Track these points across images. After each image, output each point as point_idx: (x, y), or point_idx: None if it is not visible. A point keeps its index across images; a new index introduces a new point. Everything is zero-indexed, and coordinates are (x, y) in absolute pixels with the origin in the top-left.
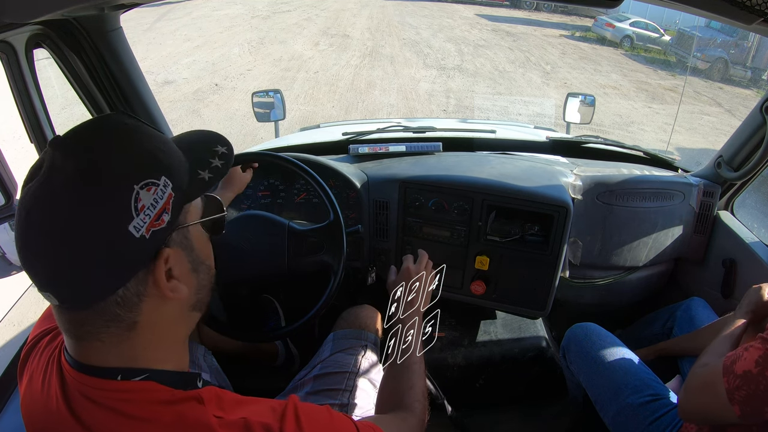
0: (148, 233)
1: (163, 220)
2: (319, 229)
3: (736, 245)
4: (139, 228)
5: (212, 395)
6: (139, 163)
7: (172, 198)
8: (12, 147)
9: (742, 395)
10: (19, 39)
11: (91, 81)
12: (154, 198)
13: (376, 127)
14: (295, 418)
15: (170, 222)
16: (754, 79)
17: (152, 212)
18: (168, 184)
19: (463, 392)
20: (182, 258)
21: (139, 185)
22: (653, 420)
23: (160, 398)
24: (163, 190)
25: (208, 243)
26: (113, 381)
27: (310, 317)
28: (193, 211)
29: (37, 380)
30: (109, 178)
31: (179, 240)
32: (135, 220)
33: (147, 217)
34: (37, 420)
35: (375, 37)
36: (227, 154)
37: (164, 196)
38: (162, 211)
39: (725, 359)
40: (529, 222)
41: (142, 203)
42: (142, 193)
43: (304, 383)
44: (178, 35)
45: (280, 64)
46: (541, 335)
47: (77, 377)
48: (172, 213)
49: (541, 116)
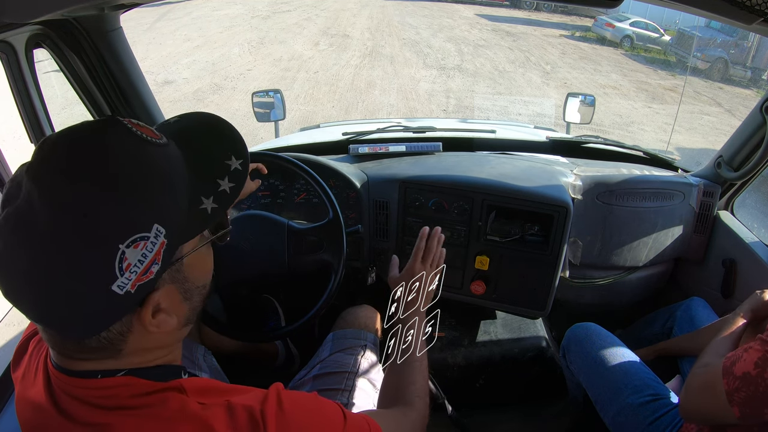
0: (134, 288)
1: (151, 272)
2: (318, 228)
3: (736, 245)
4: (123, 286)
5: (195, 385)
6: (127, 215)
7: (165, 246)
8: (12, 147)
9: (742, 397)
10: (19, 39)
11: (91, 81)
12: (142, 254)
13: (376, 127)
14: (278, 401)
15: (160, 270)
16: (754, 79)
17: (139, 268)
18: (160, 232)
19: (463, 392)
20: (172, 292)
21: (125, 244)
22: (653, 420)
23: (141, 390)
24: (154, 242)
25: (206, 260)
26: (94, 380)
27: (311, 317)
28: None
29: (28, 379)
30: (90, 238)
31: (170, 277)
32: (119, 280)
33: (132, 274)
34: (29, 417)
35: (375, 37)
36: (240, 171)
37: (155, 248)
38: (152, 263)
39: (725, 360)
40: (529, 222)
41: (128, 262)
42: (128, 252)
43: (303, 383)
44: (178, 35)
45: (280, 64)
46: (541, 335)
47: (60, 377)
48: (162, 261)
49: (541, 116)
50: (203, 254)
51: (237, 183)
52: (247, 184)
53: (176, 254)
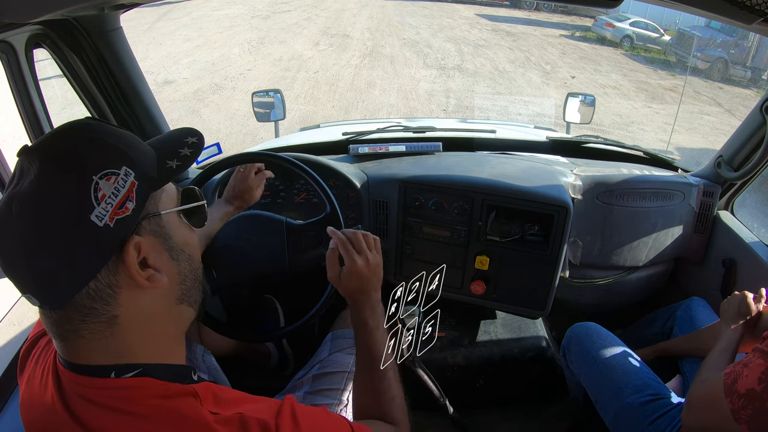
0: (112, 221)
1: (127, 208)
2: (316, 222)
3: (736, 245)
4: (101, 217)
5: (208, 392)
6: (98, 156)
7: (136, 186)
8: (12, 147)
9: (749, 414)
10: (19, 39)
11: (91, 81)
12: (115, 187)
13: (376, 127)
14: (292, 415)
15: (136, 209)
16: (754, 79)
17: (114, 201)
18: (129, 173)
19: (463, 392)
20: (157, 246)
21: (98, 176)
22: (653, 420)
23: (156, 393)
24: (125, 178)
25: (189, 233)
26: (107, 379)
27: (311, 317)
28: (167, 200)
29: (34, 381)
30: (67, 171)
31: (152, 228)
32: (96, 210)
33: (109, 205)
34: (36, 421)
35: (375, 36)
36: (196, 143)
37: (126, 184)
38: (125, 199)
39: (725, 377)
40: (529, 222)
41: (102, 192)
42: (101, 183)
43: (302, 383)
44: (178, 35)
45: (280, 64)
46: (541, 335)
47: (71, 377)
48: (137, 200)
49: (541, 116)
50: (184, 227)
51: (195, 149)
52: (253, 190)
53: (152, 205)
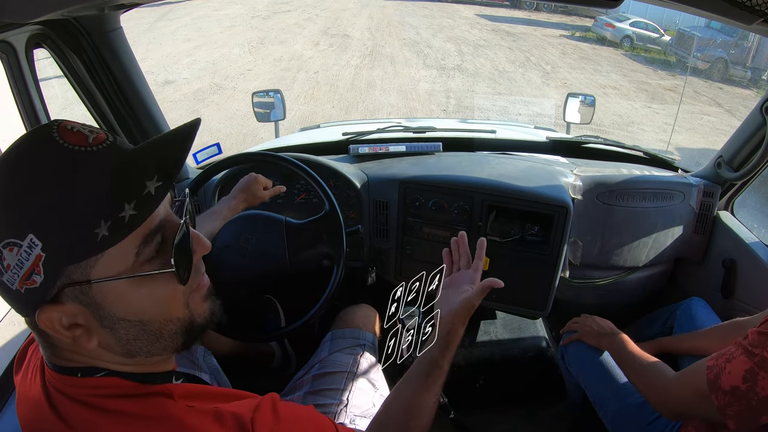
0: (22, 289)
1: (34, 281)
2: (316, 221)
3: (736, 245)
4: (12, 282)
5: (184, 391)
6: (4, 219)
7: (42, 259)
8: None
9: (735, 411)
10: (19, 39)
11: (91, 81)
12: (18, 259)
13: (376, 127)
14: (272, 408)
15: (44, 283)
16: (754, 79)
17: (19, 272)
18: (35, 244)
19: (463, 392)
20: (86, 314)
21: (1, 244)
22: (652, 420)
23: (126, 392)
24: (28, 251)
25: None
26: (76, 377)
27: (311, 316)
28: (105, 265)
29: (27, 379)
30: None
31: (76, 296)
32: (5, 275)
33: (15, 275)
34: (27, 416)
35: (375, 37)
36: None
37: (30, 257)
38: (30, 272)
39: (708, 372)
40: (529, 222)
41: (7, 262)
42: (5, 252)
43: (302, 383)
44: (178, 35)
45: (280, 64)
46: (541, 335)
47: (50, 374)
48: (45, 274)
49: (541, 116)
50: (125, 288)
51: (146, 206)
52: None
53: (78, 273)
